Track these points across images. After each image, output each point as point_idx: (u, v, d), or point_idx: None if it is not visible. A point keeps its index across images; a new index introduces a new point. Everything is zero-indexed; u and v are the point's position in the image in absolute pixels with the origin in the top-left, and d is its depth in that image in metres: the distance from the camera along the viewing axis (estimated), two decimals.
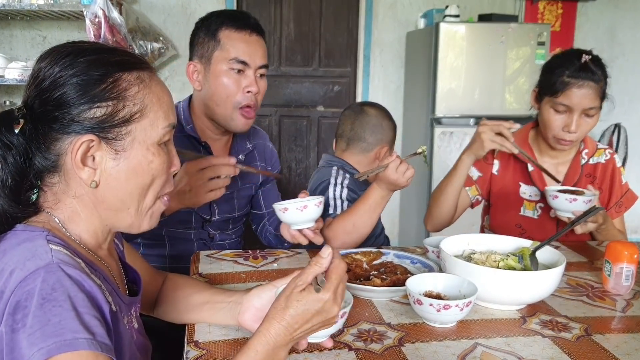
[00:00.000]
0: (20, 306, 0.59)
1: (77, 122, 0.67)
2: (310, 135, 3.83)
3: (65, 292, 0.61)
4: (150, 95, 0.72)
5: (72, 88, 0.67)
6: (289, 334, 0.70)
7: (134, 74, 0.71)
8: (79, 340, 0.58)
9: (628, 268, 1.11)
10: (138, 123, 0.70)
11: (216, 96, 1.32)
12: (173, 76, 3.53)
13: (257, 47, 1.33)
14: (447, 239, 1.17)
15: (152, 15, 3.38)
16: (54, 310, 0.59)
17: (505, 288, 0.99)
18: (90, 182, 0.69)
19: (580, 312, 1.03)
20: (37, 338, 0.58)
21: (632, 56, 4.00)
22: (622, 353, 0.87)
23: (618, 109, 4.04)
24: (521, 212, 1.55)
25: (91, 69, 0.68)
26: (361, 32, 3.68)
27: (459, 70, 3.20)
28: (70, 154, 0.68)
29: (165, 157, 0.75)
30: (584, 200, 1.35)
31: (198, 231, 1.44)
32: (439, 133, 3.21)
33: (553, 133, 1.44)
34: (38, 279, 0.60)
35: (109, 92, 0.68)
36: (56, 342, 0.57)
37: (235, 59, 1.30)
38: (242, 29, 1.31)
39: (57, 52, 0.70)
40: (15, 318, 0.59)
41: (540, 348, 0.88)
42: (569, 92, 1.38)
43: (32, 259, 0.63)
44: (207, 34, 1.32)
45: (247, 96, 1.32)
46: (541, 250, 1.12)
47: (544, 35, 3.23)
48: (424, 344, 0.88)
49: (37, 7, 2.87)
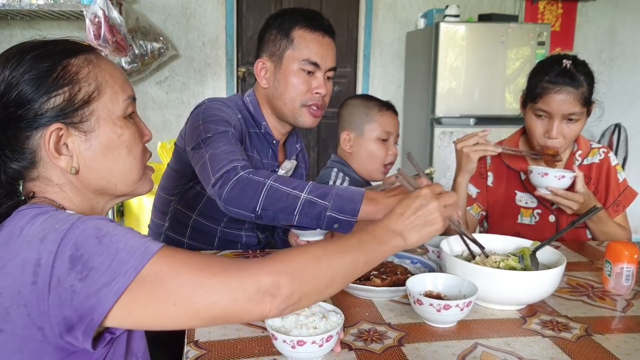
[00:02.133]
0: (75, 258, 0.62)
1: (41, 115, 0.70)
2: (310, 135, 3.83)
3: (109, 225, 0.65)
4: (102, 74, 0.74)
5: (26, 85, 0.69)
6: (398, 223, 0.79)
7: (81, 57, 0.73)
8: (149, 246, 0.64)
9: (628, 268, 1.11)
10: (98, 102, 0.73)
11: (286, 95, 1.32)
12: (173, 76, 3.53)
13: (329, 49, 1.33)
14: (447, 239, 1.17)
15: (152, 15, 3.38)
16: (114, 239, 0.63)
17: (505, 288, 0.99)
18: (69, 168, 0.72)
19: (580, 312, 1.03)
20: (116, 266, 0.61)
21: (632, 56, 4.00)
22: (622, 353, 0.87)
23: (618, 109, 4.06)
24: (519, 220, 1.55)
25: (39, 62, 0.70)
26: (361, 32, 3.69)
27: (459, 70, 3.20)
28: (43, 147, 0.71)
29: (134, 127, 0.78)
30: (555, 175, 1.34)
31: (248, 233, 1.43)
32: (438, 133, 3.22)
33: (536, 140, 1.45)
34: (77, 230, 0.63)
35: (62, 79, 0.71)
36: (136, 259, 0.62)
37: (308, 59, 1.30)
38: (316, 29, 1.31)
39: (2, 57, 0.72)
40: (77, 269, 0.61)
41: (540, 348, 0.88)
42: (547, 98, 1.38)
43: (59, 222, 0.65)
44: (280, 31, 1.31)
45: (315, 97, 1.32)
46: (541, 251, 1.12)
47: (544, 35, 3.23)
48: (424, 344, 0.88)
49: (37, 7, 2.87)
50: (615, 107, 4.05)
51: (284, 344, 0.78)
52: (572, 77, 1.38)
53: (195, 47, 3.49)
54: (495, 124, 3.27)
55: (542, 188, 1.38)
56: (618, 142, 3.81)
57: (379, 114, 1.56)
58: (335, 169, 1.57)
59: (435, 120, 3.22)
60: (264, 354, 0.82)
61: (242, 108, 1.37)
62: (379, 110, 1.56)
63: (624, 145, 3.81)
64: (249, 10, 3.63)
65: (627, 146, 3.83)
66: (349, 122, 1.58)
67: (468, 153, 1.41)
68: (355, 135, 1.57)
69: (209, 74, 3.53)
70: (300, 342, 0.77)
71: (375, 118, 1.56)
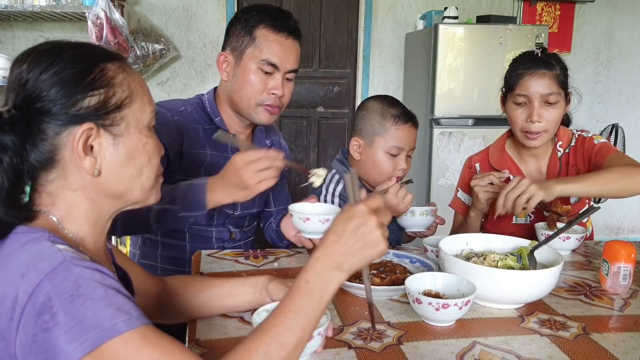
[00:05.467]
0: (45, 307, 0.60)
1: (74, 113, 0.69)
2: (310, 136, 3.83)
3: (90, 285, 0.62)
4: (134, 83, 0.75)
5: (63, 81, 0.69)
6: (335, 247, 0.68)
7: (116, 63, 0.74)
8: (117, 324, 0.60)
9: (625, 267, 1.12)
10: (129, 108, 0.73)
11: (242, 91, 1.33)
12: (174, 77, 3.54)
13: (291, 51, 1.32)
14: (446, 239, 1.18)
15: (153, 17, 3.39)
16: (85, 304, 0.60)
17: (503, 287, 1.00)
18: (92, 170, 0.71)
19: (578, 311, 1.04)
20: (77, 333, 0.59)
21: (630, 57, 4.01)
22: (619, 352, 0.88)
23: (615, 110, 4.07)
24: (513, 221, 1.56)
25: (77, 62, 0.70)
26: (361, 33, 3.70)
27: (458, 71, 3.21)
28: (69, 146, 0.70)
29: (156, 139, 0.79)
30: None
31: (219, 229, 1.44)
32: (437, 133, 3.23)
33: (519, 127, 1.46)
34: (57, 279, 0.61)
35: (99, 80, 0.71)
36: (98, 332, 0.59)
37: (267, 60, 1.29)
38: (279, 30, 1.29)
39: (37, 52, 0.71)
40: (44, 319, 0.59)
41: (538, 347, 0.89)
42: (523, 82, 1.42)
43: (42, 261, 0.63)
44: (244, 28, 1.31)
45: (271, 97, 1.32)
46: (539, 250, 1.13)
47: (542, 36, 3.24)
48: (423, 342, 0.89)
49: (39, 8, 2.88)
50: (613, 107, 4.07)
51: None
52: (544, 61, 1.43)
53: (197, 48, 3.50)
54: (494, 125, 3.27)
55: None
56: (615, 142, 3.82)
57: (394, 127, 1.40)
58: (333, 171, 1.54)
59: (434, 120, 3.23)
60: None
61: (199, 106, 1.39)
62: (394, 122, 1.40)
63: (621, 146, 3.82)
64: None
65: (624, 146, 3.84)
66: (360, 128, 1.46)
67: (478, 193, 1.43)
68: (364, 144, 1.44)
69: (210, 74, 3.54)
70: None
71: (388, 130, 1.41)
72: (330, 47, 3.73)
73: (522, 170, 1.55)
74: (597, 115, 4.05)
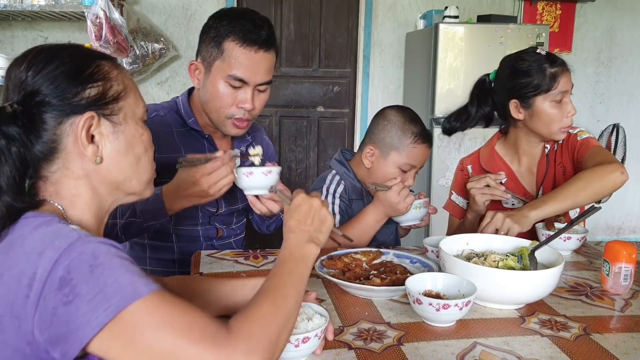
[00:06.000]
0: (65, 280, 0.62)
1: (75, 103, 0.74)
2: (310, 136, 3.83)
3: (107, 256, 0.65)
4: (127, 79, 0.81)
5: (63, 75, 0.73)
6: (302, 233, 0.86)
7: (109, 61, 0.80)
8: (138, 288, 0.63)
9: (626, 267, 1.12)
10: (125, 101, 0.79)
11: (211, 104, 1.31)
12: (174, 77, 3.53)
13: (261, 65, 1.26)
14: (446, 239, 1.18)
15: (153, 16, 3.38)
16: (105, 272, 0.63)
17: (504, 288, 1.00)
18: (95, 158, 0.75)
19: (579, 312, 1.04)
20: (100, 300, 0.61)
21: (631, 57, 4.01)
22: (620, 352, 0.88)
23: (616, 109, 4.07)
24: None
25: (74, 58, 0.76)
26: (361, 32, 3.69)
27: (458, 71, 3.21)
28: (72, 135, 0.74)
29: (150, 132, 0.84)
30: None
31: (205, 227, 1.44)
32: (438, 133, 3.22)
33: (560, 125, 1.45)
34: (74, 253, 0.63)
35: (96, 74, 0.76)
36: (121, 297, 0.61)
37: (233, 75, 1.25)
38: (248, 44, 1.24)
39: (34, 53, 0.75)
40: (64, 292, 0.61)
41: (539, 347, 0.89)
42: (562, 80, 1.43)
43: (59, 239, 0.65)
44: (213, 38, 1.27)
45: (240, 111, 1.29)
46: (540, 250, 1.13)
47: (542, 36, 3.24)
48: (423, 343, 0.89)
49: (38, 7, 2.88)
50: (614, 107, 4.06)
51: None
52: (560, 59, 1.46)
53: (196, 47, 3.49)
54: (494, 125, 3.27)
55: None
56: (616, 142, 3.82)
57: (412, 146, 1.42)
58: (333, 172, 1.53)
59: (434, 120, 3.23)
60: None
61: (173, 109, 1.39)
62: (413, 141, 1.42)
63: (622, 146, 3.82)
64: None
65: (625, 146, 3.84)
66: (379, 138, 1.45)
67: (475, 196, 1.42)
68: (379, 154, 1.45)
69: None
70: None
71: (407, 148, 1.42)
72: (330, 47, 3.73)
73: (513, 171, 1.55)
74: (597, 115, 4.05)
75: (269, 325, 0.69)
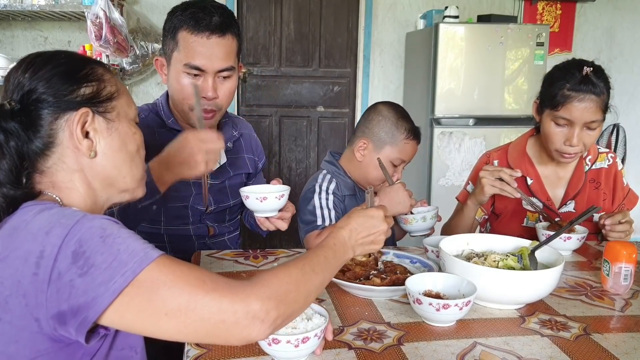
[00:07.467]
0: (78, 254, 0.64)
1: (70, 100, 0.77)
2: (310, 136, 3.83)
3: (115, 226, 0.69)
4: (119, 83, 0.85)
5: (60, 74, 0.77)
6: (353, 238, 0.89)
7: (102, 66, 0.84)
8: (149, 252, 0.67)
9: (627, 267, 1.12)
10: (118, 101, 0.82)
11: (175, 97, 1.31)
12: None
13: (216, 51, 1.24)
14: (446, 239, 1.18)
15: (153, 16, 3.38)
16: (117, 240, 0.66)
17: (504, 287, 1.00)
18: (90, 152, 0.78)
19: (579, 312, 1.04)
20: (116, 267, 0.64)
21: (631, 57, 4.01)
22: (620, 352, 0.88)
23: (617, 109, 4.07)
24: (524, 224, 1.55)
25: (70, 61, 0.80)
26: (361, 32, 3.69)
27: (458, 71, 3.21)
28: (67, 130, 0.76)
29: (142, 133, 0.87)
30: (561, 237, 1.30)
31: (196, 226, 1.43)
32: (438, 133, 3.22)
33: (555, 147, 1.42)
34: (83, 228, 0.66)
35: (90, 75, 0.80)
36: (136, 261, 0.65)
37: (189, 64, 1.24)
38: (200, 31, 1.23)
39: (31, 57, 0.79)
40: (79, 264, 0.64)
41: (539, 347, 0.89)
42: (570, 106, 1.35)
43: (65, 217, 0.68)
44: (169, 30, 1.27)
45: (203, 101, 1.27)
46: (540, 250, 1.13)
47: (542, 35, 3.24)
48: (423, 343, 0.89)
49: (38, 7, 2.88)
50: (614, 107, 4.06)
51: (262, 340, 0.78)
52: (593, 84, 1.34)
53: None
54: (494, 125, 3.28)
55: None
56: (617, 142, 3.82)
57: (404, 142, 1.48)
58: (323, 172, 1.56)
59: (434, 120, 3.23)
60: (263, 353, 0.83)
61: (154, 110, 1.39)
62: (406, 137, 1.47)
63: (622, 146, 3.82)
64: (249, 11, 3.64)
65: (625, 146, 3.84)
66: (374, 133, 1.49)
67: (484, 185, 1.39)
68: (372, 147, 1.49)
69: None
70: (275, 340, 0.77)
71: (400, 144, 1.47)
72: (330, 47, 3.72)
73: (539, 173, 1.53)
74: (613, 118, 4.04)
75: (290, 284, 0.72)
